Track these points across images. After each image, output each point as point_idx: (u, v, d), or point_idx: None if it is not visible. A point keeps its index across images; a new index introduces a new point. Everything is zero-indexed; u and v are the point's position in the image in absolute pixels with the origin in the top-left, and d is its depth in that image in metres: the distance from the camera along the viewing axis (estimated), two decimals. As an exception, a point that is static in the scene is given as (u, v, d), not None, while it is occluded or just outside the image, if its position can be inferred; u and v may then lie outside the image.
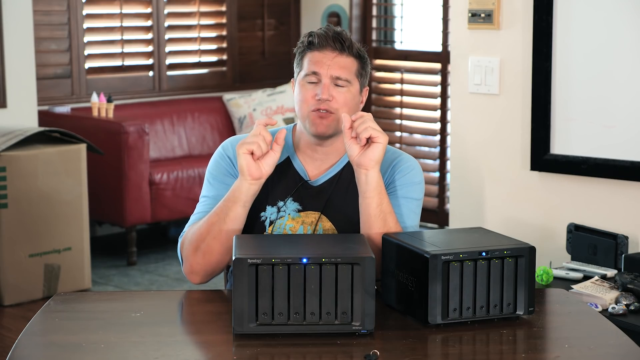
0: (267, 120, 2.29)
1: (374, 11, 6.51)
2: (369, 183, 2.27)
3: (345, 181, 2.42)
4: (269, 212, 2.40)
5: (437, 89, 6.10)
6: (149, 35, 6.21)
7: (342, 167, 2.44)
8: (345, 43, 2.39)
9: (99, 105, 5.65)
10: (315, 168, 2.44)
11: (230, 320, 2.01)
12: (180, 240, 2.40)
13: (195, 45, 6.46)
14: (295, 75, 2.47)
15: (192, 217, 2.42)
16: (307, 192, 2.41)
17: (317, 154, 2.44)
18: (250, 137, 2.26)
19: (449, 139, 5.05)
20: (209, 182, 2.46)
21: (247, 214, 2.31)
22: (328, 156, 2.44)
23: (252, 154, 2.26)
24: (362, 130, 2.24)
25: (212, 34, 6.54)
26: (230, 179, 2.42)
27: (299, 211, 2.40)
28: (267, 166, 2.28)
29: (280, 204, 2.40)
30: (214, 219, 2.29)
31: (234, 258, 1.95)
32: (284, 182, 2.41)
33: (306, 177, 2.43)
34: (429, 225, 6.09)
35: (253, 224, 2.40)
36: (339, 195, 2.41)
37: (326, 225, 2.40)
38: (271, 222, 2.40)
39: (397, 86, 6.28)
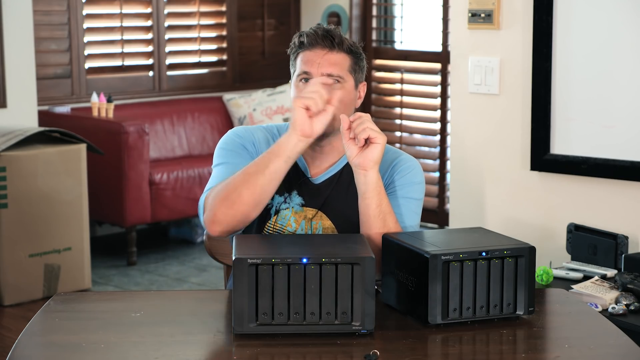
0: (323, 79, 2.28)
1: (374, 11, 6.51)
2: (368, 183, 2.27)
3: (345, 181, 2.42)
4: (277, 201, 2.40)
5: (437, 89, 6.10)
6: (149, 35, 6.21)
7: (342, 167, 2.44)
8: (335, 40, 2.39)
9: (99, 105, 5.65)
10: (316, 166, 2.45)
11: (230, 320, 2.01)
12: (204, 195, 2.34)
13: (195, 45, 6.46)
14: (291, 76, 2.48)
15: (212, 181, 2.38)
16: (308, 189, 2.41)
17: (316, 153, 2.44)
18: (307, 92, 2.24)
19: (449, 139, 5.04)
20: (222, 151, 2.42)
21: (285, 173, 2.27)
22: (327, 155, 2.45)
23: (307, 109, 2.23)
24: (361, 130, 2.24)
25: (212, 34, 6.54)
26: (245, 152, 2.42)
27: (302, 205, 2.40)
28: (320, 124, 2.25)
29: (286, 195, 2.41)
30: (252, 169, 2.25)
31: (233, 258, 1.95)
32: (288, 176, 2.40)
33: (308, 174, 2.44)
34: (429, 225, 6.09)
35: None
36: (339, 195, 2.42)
37: (326, 223, 2.40)
38: (277, 211, 2.39)
39: (397, 86, 6.28)
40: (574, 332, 2.07)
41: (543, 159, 3.50)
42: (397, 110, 6.29)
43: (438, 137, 6.09)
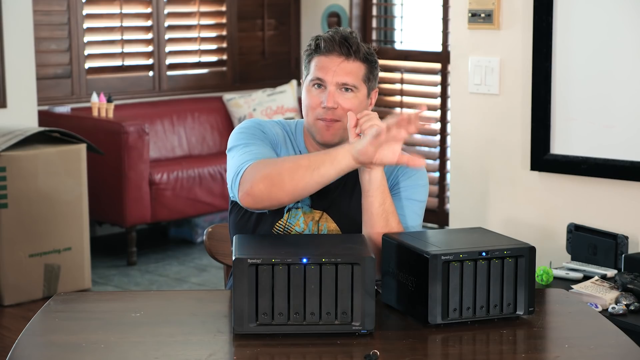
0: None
1: (374, 11, 6.51)
2: (372, 182, 2.27)
3: (351, 183, 2.42)
4: None
5: (437, 89, 6.10)
6: (149, 35, 6.21)
7: (349, 170, 2.44)
8: (352, 48, 2.37)
9: (99, 105, 5.65)
10: None
11: (230, 320, 2.01)
12: (244, 168, 2.28)
13: (195, 45, 6.46)
14: (303, 77, 2.46)
15: (243, 157, 2.31)
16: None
17: None
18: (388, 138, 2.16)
19: (449, 139, 5.05)
20: (243, 135, 2.38)
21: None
22: None
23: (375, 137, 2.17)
24: (368, 127, 2.23)
25: (212, 34, 6.54)
26: (265, 138, 2.39)
27: (311, 207, 2.40)
28: (382, 158, 2.22)
29: None
30: (305, 162, 2.21)
31: (233, 258, 1.95)
32: None
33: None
34: (429, 225, 6.09)
35: None
36: (344, 197, 2.42)
37: (331, 225, 2.40)
38: (288, 209, 2.39)
39: (397, 86, 6.27)
40: (574, 332, 2.07)
41: (543, 159, 3.50)
42: (397, 110, 6.29)
43: (438, 137, 6.09)
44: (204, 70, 6.53)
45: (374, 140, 2.16)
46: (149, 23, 6.19)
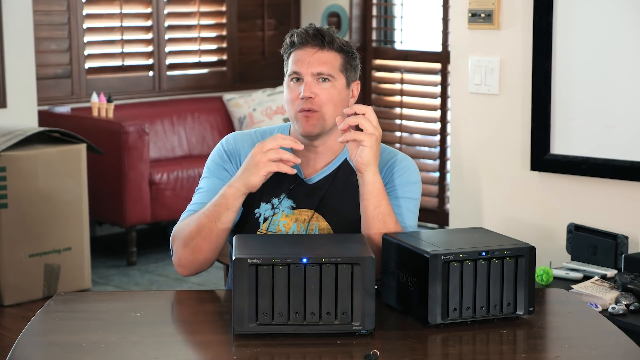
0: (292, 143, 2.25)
1: (374, 11, 6.51)
2: (365, 185, 2.27)
3: (341, 180, 2.42)
4: (263, 209, 2.40)
5: (437, 89, 6.10)
6: (149, 35, 6.21)
7: (337, 166, 2.44)
8: (325, 38, 2.37)
9: (99, 105, 5.65)
10: (310, 167, 2.44)
11: (230, 320, 2.01)
12: (173, 231, 2.39)
13: (195, 45, 6.46)
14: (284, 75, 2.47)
15: (188, 207, 2.42)
16: (302, 190, 2.41)
17: (311, 153, 2.43)
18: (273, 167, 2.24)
19: (449, 139, 5.05)
20: (205, 174, 2.48)
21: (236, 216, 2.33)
22: (322, 155, 2.44)
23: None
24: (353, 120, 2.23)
25: (212, 34, 6.54)
26: (225, 173, 2.43)
27: (293, 208, 2.40)
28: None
29: (275, 201, 2.40)
30: (204, 221, 2.29)
31: (233, 258, 1.95)
32: (279, 179, 2.39)
33: (301, 176, 2.43)
34: (429, 225, 6.09)
35: (247, 220, 2.40)
36: (334, 194, 2.41)
37: (322, 224, 2.39)
38: (265, 219, 2.40)
39: (397, 86, 6.28)
40: (574, 332, 2.07)
41: (543, 159, 3.50)
42: (397, 110, 6.29)
43: (438, 137, 6.09)
44: (204, 70, 6.53)
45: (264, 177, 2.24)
46: (149, 23, 6.19)
